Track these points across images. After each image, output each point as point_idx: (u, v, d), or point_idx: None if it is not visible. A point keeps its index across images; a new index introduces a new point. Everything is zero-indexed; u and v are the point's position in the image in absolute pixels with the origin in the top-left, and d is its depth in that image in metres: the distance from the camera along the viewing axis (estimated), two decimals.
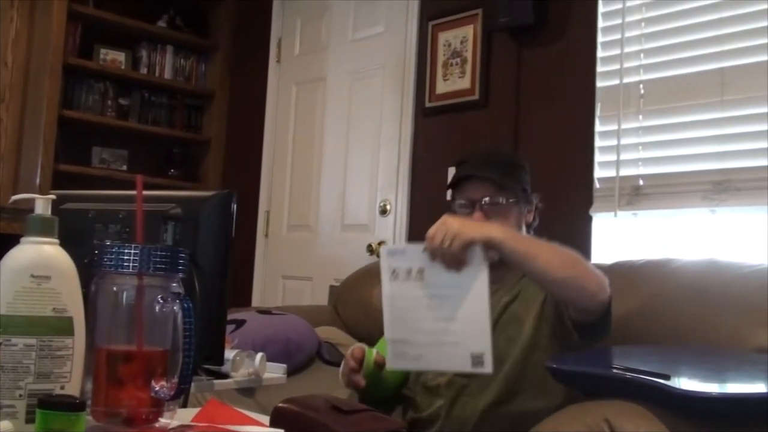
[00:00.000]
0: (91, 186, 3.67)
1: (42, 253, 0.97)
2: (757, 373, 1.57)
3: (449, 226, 1.58)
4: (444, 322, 1.59)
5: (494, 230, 1.61)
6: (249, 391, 2.10)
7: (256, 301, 3.96)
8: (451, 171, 2.13)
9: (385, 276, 1.65)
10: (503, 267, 1.95)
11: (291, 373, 1.73)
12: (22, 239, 0.98)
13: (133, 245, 1.01)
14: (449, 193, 2.03)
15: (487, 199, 1.89)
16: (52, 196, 1.01)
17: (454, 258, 1.57)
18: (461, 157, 2.04)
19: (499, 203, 1.90)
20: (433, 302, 1.60)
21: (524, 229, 1.99)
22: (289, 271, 3.87)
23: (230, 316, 2.25)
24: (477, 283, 1.56)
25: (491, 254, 1.60)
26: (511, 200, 1.91)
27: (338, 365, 2.45)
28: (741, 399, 1.43)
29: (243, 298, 3.93)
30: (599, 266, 2.31)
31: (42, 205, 1.00)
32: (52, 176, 3.73)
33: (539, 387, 1.82)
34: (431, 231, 1.61)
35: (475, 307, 1.56)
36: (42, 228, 0.98)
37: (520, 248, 1.63)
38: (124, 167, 4.21)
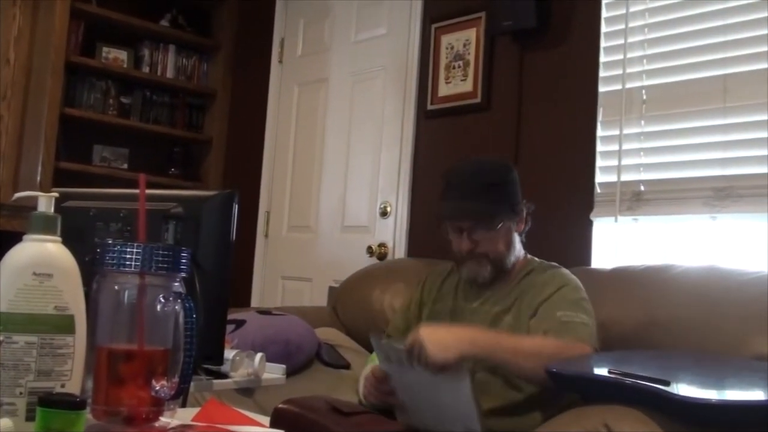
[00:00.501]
0: (91, 184, 3.67)
1: (44, 250, 0.97)
2: (757, 380, 1.57)
3: (424, 347, 1.64)
4: (436, 403, 1.69)
5: (466, 346, 1.67)
6: (248, 392, 2.10)
7: (255, 302, 3.95)
8: None
9: (379, 358, 1.75)
10: (495, 280, 1.96)
11: (290, 374, 1.72)
12: (25, 236, 0.98)
13: (135, 244, 1.01)
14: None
15: (472, 229, 1.93)
16: (55, 194, 1.01)
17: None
18: (445, 177, 2.01)
19: (484, 231, 1.93)
20: (425, 386, 1.69)
21: (516, 240, 2.00)
22: (289, 272, 3.87)
23: (230, 316, 2.23)
24: (461, 385, 1.65)
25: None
26: (498, 226, 1.92)
27: (337, 367, 2.45)
28: (740, 406, 1.44)
29: (242, 299, 3.93)
30: (600, 271, 2.33)
31: (45, 203, 1.00)
32: (53, 174, 3.72)
33: (541, 400, 1.82)
34: (407, 344, 1.67)
35: (462, 401, 1.65)
36: (45, 226, 0.98)
37: (493, 359, 1.74)
38: (125, 166, 4.21)
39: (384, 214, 3.43)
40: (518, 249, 2.01)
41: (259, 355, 1.53)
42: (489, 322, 1.92)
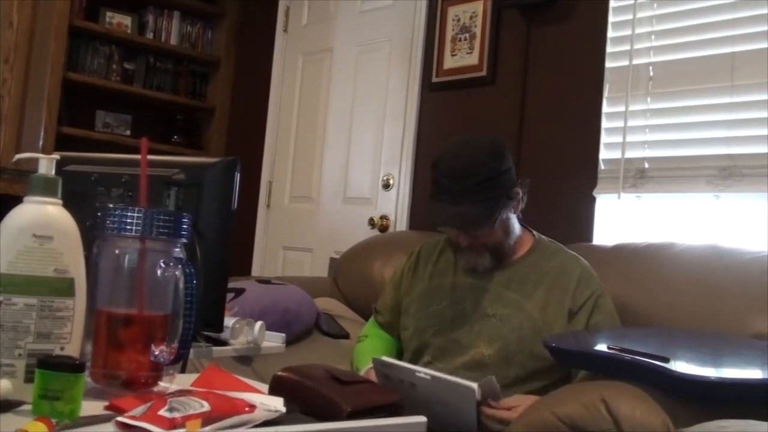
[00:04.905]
0: (94, 150, 3.62)
1: (45, 212, 0.97)
2: (755, 359, 1.58)
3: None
4: (435, 412, 1.63)
5: None
6: (246, 360, 2.11)
7: (256, 271, 3.96)
8: None
9: (377, 376, 1.73)
10: (503, 256, 1.95)
11: (289, 343, 1.73)
12: (25, 198, 0.98)
13: (136, 208, 1.01)
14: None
15: (469, 230, 1.90)
16: (56, 156, 1.00)
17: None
18: (436, 171, 1.90)
19: (481, 229, 1.90)
20: (424, 408, 1.65)
21: (514, 221, 1.97)
22: (290, 242, 3.87)
23: (230, 285, 2.24)
24: (467, 412, 1.62)
25: None
26: (496, 223, 1.89)
27: (336, 337, 2.46)
28: (738, 384, 1.44)
29: (243, 268, 3.93)
30: (601, 248, 2.33)
31: (45, 165, 0.99)
32: (55, 139, 3.72)
33: (546, 370, 1.83)
34: (506, 403, 1.68)
35: (463, 411, 1.62)
36: (45, 187, 0.97)
37: None
38: (128, 132, 4.20)
39: (386, 186, 3.43)
40: (516, 229, 1.99)
41: (258, 324, 1.53)
42: (508, 308, 1.91)
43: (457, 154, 1.89)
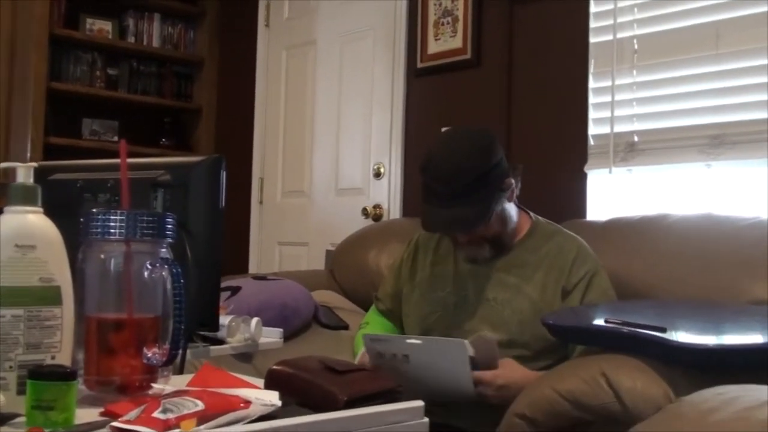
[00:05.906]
0: (82, 158, 3.63)
1: (26, 222, 0.96)
2: (754, 324, 1.57)
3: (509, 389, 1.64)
4: (429, 381, 1.65)
5: None
6: (247, 357, 2.10)
7: (252, 269, 3.95)
8: None
9: (370, 356, 1.72)
10: (502, 245, 1.94)
11: (288, 337, 1.73)
12: (5, 209, 0.97)
13: (119, 212, 1.00)
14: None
15: (466, 231, 1.89)
16: (34, 164, 1.00)
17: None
18: (424, 174, 1.86)
19: (477, 229, 1.88)
20: (420, 380, 1.65)
21: (510, 210, 1.94)
22: (285, 237, 3.87)
23: (225, 283, 2.23)
24: (461, 374, 1.62)
25: None
26: (491, 219, 1.86)
27: (335, 329, 2.46)
28: (738, 350, 1.44)
29: (240, 266, 3.92)
30: (595, 223, 2.33)
31: (23, 174, 0.98)
32: (43, 149, 3.70)
33: (551, 349, 1.83)
34: (491, 376, 1.68)
35: (457, 375, 1.63)
36: (24, 196, 0.97)
37: None
38: (115, 138, 4.17)
39: (378, 175, 3.42)
40: (513, 215, 1.98)
41: (254, 320, 1.52)
42: (508, 292, 1.91)
43: (444, 156, 1.85)
